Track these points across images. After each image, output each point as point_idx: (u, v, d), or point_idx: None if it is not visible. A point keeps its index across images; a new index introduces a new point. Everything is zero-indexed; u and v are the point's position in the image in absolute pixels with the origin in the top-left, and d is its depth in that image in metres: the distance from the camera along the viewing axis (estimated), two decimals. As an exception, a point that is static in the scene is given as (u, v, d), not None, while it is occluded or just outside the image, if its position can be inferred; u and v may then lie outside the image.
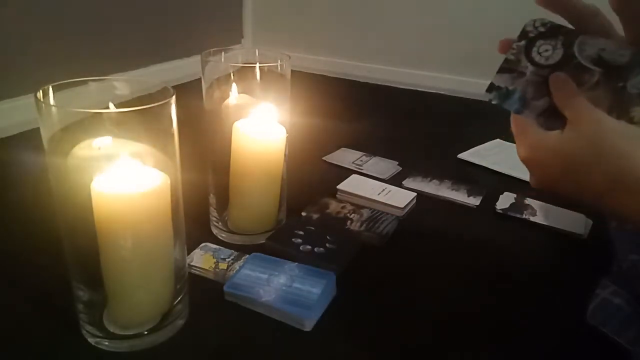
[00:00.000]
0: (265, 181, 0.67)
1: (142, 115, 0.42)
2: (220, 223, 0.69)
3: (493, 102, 0.43)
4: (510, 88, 0.43)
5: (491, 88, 0.43)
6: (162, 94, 0.45)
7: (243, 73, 0.63)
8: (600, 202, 0.39)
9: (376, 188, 0.82)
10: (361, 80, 1.62)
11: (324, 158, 0.98)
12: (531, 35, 0.42)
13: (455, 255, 0.69)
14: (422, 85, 1.53)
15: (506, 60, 0.43)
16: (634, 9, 0.40)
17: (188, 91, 0.64)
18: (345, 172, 0.89)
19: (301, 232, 0.68)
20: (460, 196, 0.84)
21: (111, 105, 0.43)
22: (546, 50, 0.42)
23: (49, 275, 0.56)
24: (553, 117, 0.42)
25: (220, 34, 1.67)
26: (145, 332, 0.50)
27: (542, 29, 0.42)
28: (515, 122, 0.44)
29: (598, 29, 0.42)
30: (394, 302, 0.59)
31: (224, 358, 0.50)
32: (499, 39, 0.44)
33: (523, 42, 0.42)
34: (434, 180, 0.89)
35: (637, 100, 0.40)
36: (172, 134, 0.46)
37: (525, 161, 0.43)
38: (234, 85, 0.64)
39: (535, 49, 0.42)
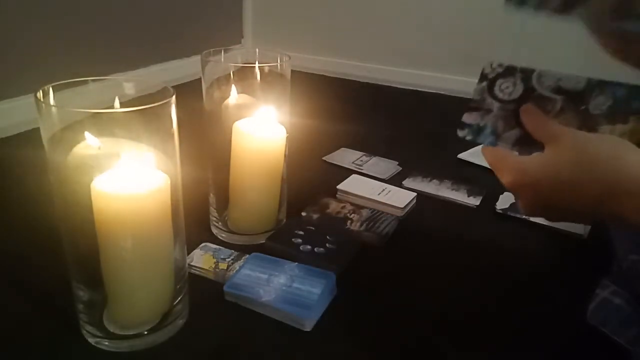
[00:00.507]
0: (265, 181, 0.67)
1: (142, 115, 0.42)
2: (220, 223, 0.69)
3: (467, 139, 0.46)
4: (481, 124, 0.45)
5: (463, 126, 0.46)
6: (162, 94, 0.45)
7: (243, 73, 0.63)
8: (598, 208, 0.39)
9: (376, 188, 0.82)
10: (361, 80, 1.62)
11: (324, 158, 0.98)
12: (490, 76, 0.45)
13: (455, 255, 0.69)
14: (422, 85, 1.53)
15: (472, 101, 0.46)
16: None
17: (188, 91, 0.64)
18: (345, 172, 0.89)
19: (301, 232, 0.68)
20: (460, 196, 0.84)
21: (117, 100, 0.43)
22: (507, 87, 0.45)
23: (49, 275, 0.56)
24: (527, 145, 0.44)
25: (220, 34, 1.68)
26: (145, 332, 0.50)
27: (499, 70, 0.45)
28: (491, 152, 0.45)
29: None
30: (394, 302, 0.59)
31: (224, 358, 0.50)
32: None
33: (484, 83, 0.45)
34: (434, 180, 0.89)
35: (601, 120, 0.43)
36: (172, 134, 0.46)
37: (511, 187, 0.43)
38: (233, 85, 0.64)
39: (496, 87, 0.45)
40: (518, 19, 0.44)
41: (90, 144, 0.43)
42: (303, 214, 0.75)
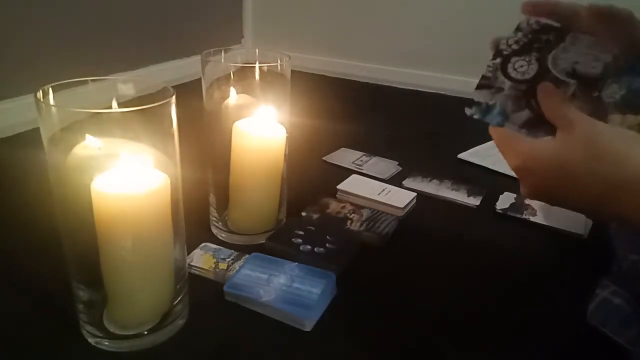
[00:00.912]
0: (265, 181, 0.67)
1: (142, 115, 0.42)
2: (220, 223, 0.69)
3: (475, 117, 0.44)
4: (490, 103, 0.44)
5: (471, 104, 0.45)
6: (162, 94, 0.45)
7: (243, 73, 0.63)
8: (600, 206, 0.39)
9: (376, 188, 0.82)
10: (361, 80, 1.62)
11: (324, 158, 0.98)
12: (505, 53, 0.43)
13: (455, 255, 0.69)
14: (422, 85, 1.53)
15: (483, 77, 0.44)
16: (613, 28, 0.41)
17: (188, 91, 0.64)
18: (345, 172, 0.89)
19: (301, 232, 0.68)
20: (460, 196, 0.84)
21: (114, 102, 0.43)
22: (521, 66, 0.43)
23: (49, 275, 0.56)
24: (535, 128, 0.43)
25: (220, 34, 1.68)
26: (145, 332, 0.50)
27: (515, 47, 0.43)
28: (499, 134, 0.44)
29: (585, 28, 0.43)
30: (394, 302, 0.59)
31: (224, 358, 0.50)
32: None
33: (498, 60, 0.43)
34: (434, 180, 0.89)
35: (612, 109, 0.42)
36: (172, 134, 0.46)
37: (517, 170, 0.42)
38: (233, 85, 0.64)
39: (510, 65, 0.43)
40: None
41: (90, 145, 0.43)
42: (303, 214, 0.75)
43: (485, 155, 1.01)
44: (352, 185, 0.83)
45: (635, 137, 0.39)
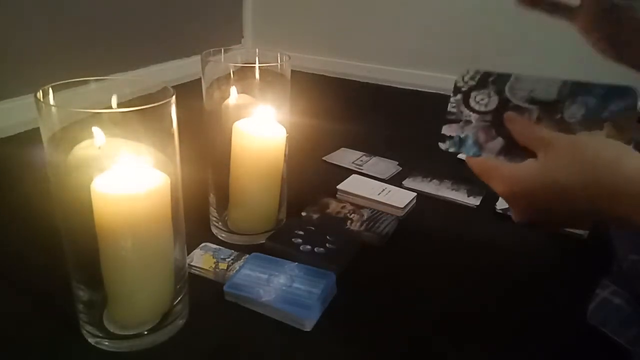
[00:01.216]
0: (265, 181, 0.67)
1: (142, 115, 0.42)
2: (220, 223, 0.69)
3: (450, 151, 0.46)
4: (462, 136, 0.46)
5: (443, 138, 0.46)
6: (162, 94, 0.45)
7: (243, 73, 0.63)
8: (598, 212, 0.39)
9: (376, 188, 0.82)
10: (361, 80, 1.62)
11: (324, 158, 0.98)
12: (464, 89, 0.45)
13: (455, 255, 0.69)
14: (422, 85, 1.53)
15: (449, 113, 0.46)
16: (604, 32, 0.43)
17: (188, 91, 0.64)
18: (345, 172, 0.89)
19: (301, 232, 0.68)
20: (460, 196, 0.84)
21: (114, 99, 0.43)
22: (482, 99, 0.45)
23: (49, 275, 0.56)
24: (512, 154, 0.44)
25: (220, 34, 1.68)
26: (145, 332, 0.50)
27: (471, 83, 0.45)
28: (479, 163, 0.44)
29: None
30: (394, 302, 0.59)
31: (224, 358, 0.50)
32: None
33: (459, 96, 0.45)
34: (434, 180, 0.89)
35: (578, 127, 0.43)
36: (172, 134, 0.46)
37: (506, 196, 0.42)
38: (233, 85, 0.64)
39: (472, 99, 0.45)
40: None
41: (94, 141, 0.43)
42: (303, 214, 0.75)
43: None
44: (352, 185, 0.83)
45: (617, 143, 0.39)
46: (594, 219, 0.41)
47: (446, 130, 0.46)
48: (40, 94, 0.42)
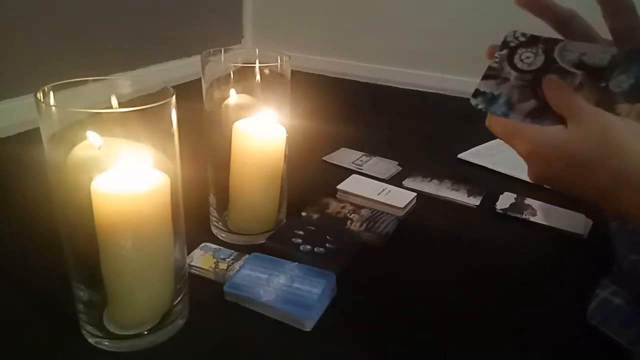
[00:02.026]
0: (265, 181, 0.67)
1: (142, 115, 0.42)
2: (220, 223, 0.69)
3: (479, 107, 0.44)
4: (496, 93, 0.44)
5: (477, 94, 0.44)
6: (162, 94, 0.45)
7: (243, 73, 0.63)
8: (604, 200, 0.39)
9: (376, 188, 0.82)
10: (361, 80, 1.62)
11: (324, 158, 0.98)
12: (512, 44, 0.44)
13: (455, 255, 0.69)
14: (422, 85, 1.53)
15: (489, 68, 0.44)
16: (616, 3, 0.42)
17: (188, 91, 0.64)
18: (345, 172, 0.89)
19: (301, 232, 0.68)
20: (460, 196, 0.84)
21: (114, 99, 0.43)
22: (528, 57, 0.43)
23: (49, 275, 0.56)
24: (540, 117, 0.43)
25: (220, 34, 1.68)
26: (145, 332, 0.50)
27: (522, 39, 0.43)
28: (502, 124, 0.43)
29: (577, 31, 0.44)
30: (394, 302, 0.59)
31: (224, 358, 0.50)
32: (499, 39, 0.44)
33: (505, 51, 0.44)
34: (434, 180, 0.89)
35: (620, 98, 0.41)
36: (172, 134, 0.46)
37: (527, 156, 0.42)
38: (233, 85, 0.64)
39: (517, 56, 0.44)
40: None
41: (91, 142, 0.43)
42: (303, 214, 0.75)
43: (485, 155, 1.01)
44: (352, 185, 0.83)
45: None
46: (597, 203, 0.41)
47: (482, 85, 0.44)
48: (40, 94, 0.42)
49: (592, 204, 0.42)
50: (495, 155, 1.01)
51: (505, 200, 0.82)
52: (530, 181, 0.43)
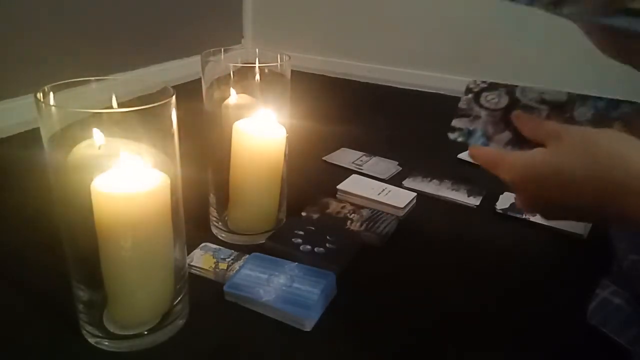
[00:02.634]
0: (265, 181, 0.67)
1: (142, 115, 0.42)
2: (220, 223, 0.69)
3: (459, 141, 0.47)
4: (471, 128, 0.47)
5: (453, 129, 0.47)
6: (162, 94, 0.45)
7: (243, 73, 0.63)
8: (601, 208, 0.38)
9: (376, 188, 0.82)
10: (361, 80, 1.62)
11: (324, 158, 0.98)
12: (475, 90, 0.47)
13: (455, 256, 0.69)
14: (422, 85, 1.53)
15: (459, 109, 0.47)
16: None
17: (188, 91, 0.64)
18: (345, 172, 0.89)
19: (301, 232, 0.68)
20: (460, 196, 0.84)
21: (114, 99, 0.43)
22: (493, 99, 0.46)
23: (49, 275, 0.56)
24: (518, 146, 0.45)
25: (220, 34, 1.68)
26: (145, 332, 0.50)
27: (483, 85, 0.47)
28: (484, 153, 0.44)
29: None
30: (394, 302, 0.59)
31: (224, 358, 0.50)
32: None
33: (470, 95, 0.47)
34: (434, 180, 0.89)
35: (588, 125, 0.44)
36: (172, 134, 0.46)
37: (513, 182, 0.42)
38: (233, 85, 0.64)
39: (482, 98, 0.47)
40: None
41: (95, 140, 0.43)
42: (303, 214, 0.75)
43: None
44: (352, 185, 0.83)
45: (628, 138, 0.39)
46: (597, 215, 0.41)
47: (456, 122, 0.47)
48: (40, 94, 0.42)
49: (593, 219, 0.42)
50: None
51: (505, 200, 0.82)
52: (521, 209, 0.43)
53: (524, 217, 0.78)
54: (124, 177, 0.45)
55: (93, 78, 0.47)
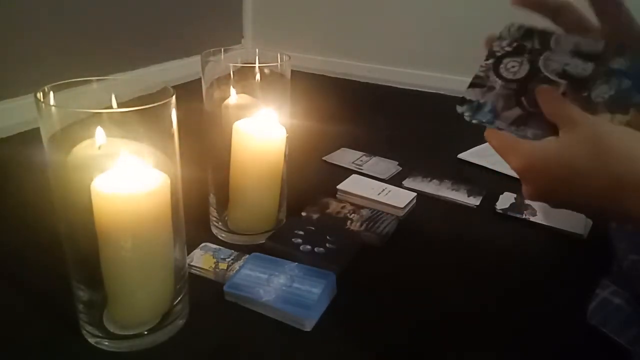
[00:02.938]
0: (265, 181, 0.67)
1: (142, 115, 0.42)
2: (220, 223, 0.69)
3: (465, 115, 0.45)
4: (481, 101, 0.45)
5: (463, 102, 0.45)
6: (162, 94, 0.45)
7: (243, 73, 0.63)
8: (606, 203, 0.38)
9: (376, 188, 0.82)
10: (361, 80, 1.62)
11: (324, 158, 0.98)
12: (498, 54, 0.45)
13: (455, 256, 0.69)
14: (422, 85, 1.53)
15: (476, 77, 0.46)
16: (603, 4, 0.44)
17: (188, 91, 0.64)
18: (345, 172, 0.89)
19: (301, 232, 0.68)
20: (460, 196, 0.84)
21: (114, 99, 0.43)
22: (513, 67, 0.45)
23: (49, 275, 0.56)
24: (524, 125, 0.44)
25: (220, 34, 1.68)
26: (145, 332, 0.50)
27: (508, 49, 0.45)
28: (498, 138, 0.44)
29: (574, 22, 0.45)
30: (394, 302, 0.59)
31: (224, 358, 0.50)
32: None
33: (491, 61, 0.45)
34: (434, 180, 0.89)
35: (601, 108, 0.43)
36: (172, 134, 0.46)
37: (521, 171, 0.42)
38: (233, 85, 0.64)
39: (502, 66, 0.45)
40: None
41: (94, 141, 0.43)
42: (303, 214, 0.75)
43: (485, 155, 1.01)
44: (352, 185, 0.83)
45: (638, 135, 0.39)
46: (599, 212, 0.41)
47: (468, 93, 0.46)
48: (40, 94, 0.42)
49: (596, 213, 0.42)
50: (496, 155, 1.00)
51: (505, 200, 0.82)
52: (527, 198, 0.43)
53: (524, 217, 0.78)
54: (124, 177, 0.44)
55: (93, 78, 0.47)
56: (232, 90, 0.64)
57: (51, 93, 0.44)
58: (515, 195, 0.84)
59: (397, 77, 1.58)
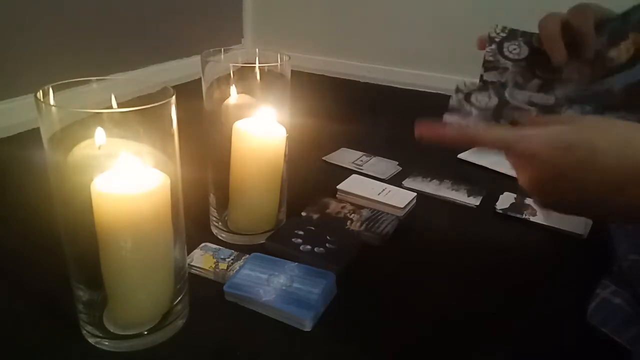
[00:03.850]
0: (265, 181, 0.67)
1: (142, 115, 0.42)
2: (220, 223, 0.69)
3: (491, 96, 0.50)
4: (503, 80, 0.51)
5: (485, 87, 0.51)
6: (162, 94, 0.45)
7: (243, 73, 0.63)
8: (615, 198, 0.37)
9: (376, 188, 0.82)
10: (361, 80, 1.62)
11: (324, 158, 0.98)
12: (497, 40, 0.52)
13: (455, 255, 0.69)
14: (422, 85, 1.53)
15: (487, 61, 0.52)
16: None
17: (188, 91, 0.64)
18: (345, 172, 0.89)
19: (301, 232, 0.68)
20: (460, 196, 0.84)
21: (114, 99, 0.43)
22: (514, 49, 0.51)
23: (49, 275, 0.56)
24: (549, 88, 0.50)
25: (220, 34, 1.68)
26: (145, 332, 0.50)
27: (503, 34, 0.52)
28: (504, 130, 0.45)
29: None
30: (394, 302, 0.59)
31: (224, 358, 0.50)
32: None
33: (494, 46, 0.52)
34: (434, 180, 0.89)
35: (606, 44, 0.49)
36: (172, 134, 0.46)
37: (537, 155, 0.40)
38: (233, 85, 0.64)
39: (505, 49, 0.52)
40: None
41: (94, 141, 0.43)
42: (303, 214, 0.75)
43: (485, 155, 1.01)
44: (352, 185, 0.83)
45: (625, 123, 0.38)
46: (602, 211, 0.40)
47: (487, 76, 0.52)
48: (40, 94, 0.42)
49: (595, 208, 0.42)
50: (495, 155, 1.01)
51: (505, 200, 0.82)
52: (528, 194, 0.43)
53: (524, 217, 0.78)
54: (124, 177, 0.44)
55: (93, 78, 0.47)
56: (232, 90, 0.64)
57: (51, 93, 0.44)
58: (515, 195, 0.84)
59: (397, 77, 1.58)
